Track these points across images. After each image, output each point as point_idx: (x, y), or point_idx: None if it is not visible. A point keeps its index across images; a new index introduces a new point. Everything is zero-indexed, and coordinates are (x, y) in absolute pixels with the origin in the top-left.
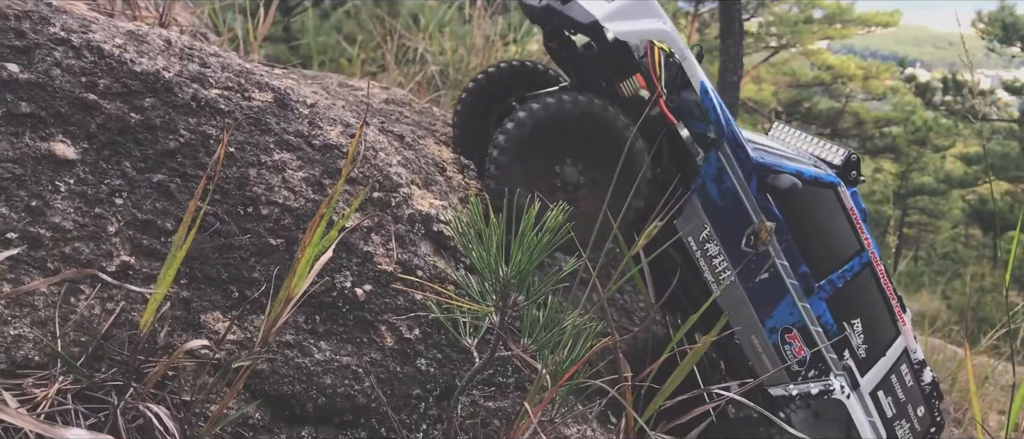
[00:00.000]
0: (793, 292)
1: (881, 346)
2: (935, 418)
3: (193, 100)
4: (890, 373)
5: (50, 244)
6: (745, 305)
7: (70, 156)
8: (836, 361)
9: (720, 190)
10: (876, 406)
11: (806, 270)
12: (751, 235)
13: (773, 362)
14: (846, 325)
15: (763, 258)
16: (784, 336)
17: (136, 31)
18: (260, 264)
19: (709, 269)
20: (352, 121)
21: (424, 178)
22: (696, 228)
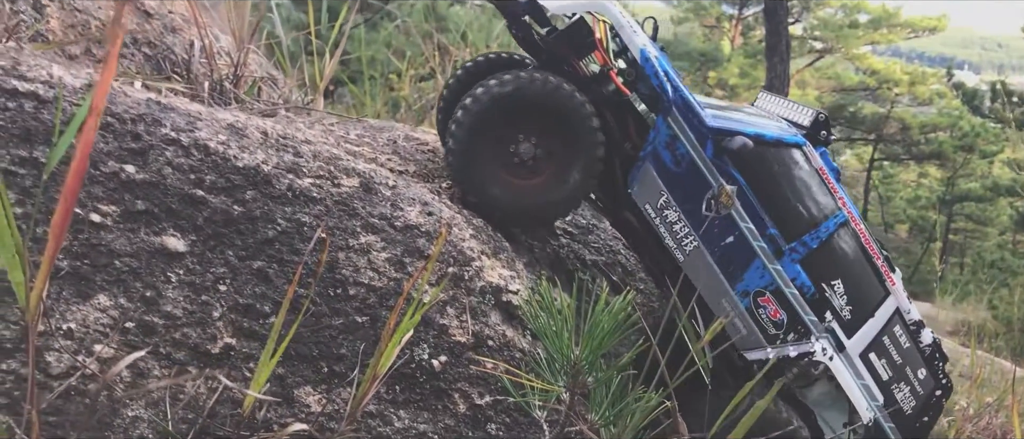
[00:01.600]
0: (762, 255)
1: (868, 307)
2: (940, 380)
3: (289, 190)
4: (882, 335)
5: (163, 331)
6: (713, 270)
7: (180, 249)
8: (816, 323)
9: (674, 156)
10: (869, 369)
11: (775, 232)
12: (712, 199)
13: (747, 326)
14: (825, 287)
15: (727, 222)
16: (757, 299)
17: (235, 124)
18: (347, 341)
19: (670, 236)
20: (429, 198)
21: (493, 247)
22: (653, 196)
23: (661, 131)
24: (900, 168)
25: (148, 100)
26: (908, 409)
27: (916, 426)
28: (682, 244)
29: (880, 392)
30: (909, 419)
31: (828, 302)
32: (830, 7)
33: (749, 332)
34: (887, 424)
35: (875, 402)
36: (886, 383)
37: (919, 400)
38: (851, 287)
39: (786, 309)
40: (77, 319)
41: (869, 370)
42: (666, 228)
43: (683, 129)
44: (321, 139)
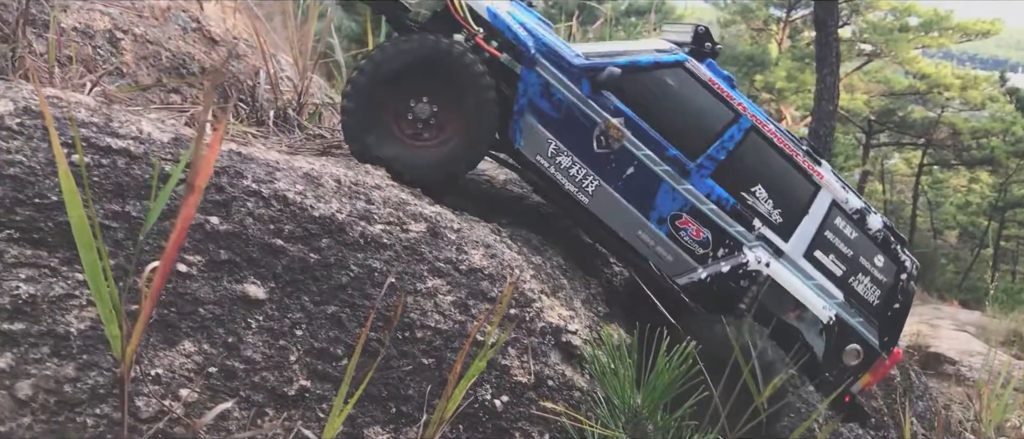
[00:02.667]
0: (668, 178)
1: (799, 206)
2: (901, 263)
3: (361, 237)
4: (823, 230)
5: (243, 375)
6: (621, 206)
7: (260, 296)
8: (744, 233)
9: (552, 103)
10: (818, 267)
11: (676, 153)
12: (601, 135)
13: (672, 252)
14: (746, 195)
15: (624, 154)
16: (675, 223)
17: (311, 173)
18: (414, 382)
19: (569, 182)
20: (491, 240)
21: (552, 286)
22: (541, 146)
23: (531, 82)
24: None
25: (230, 152)
26: (874, 299)
27: (888, 315)
28: (583, 186)
29: (838, 288)
30: (879, 309)
31: (753, 210)
32: (880, 10)
33: (676, 258)
34: (854, 319)
35: (833, 299)
36: (841, 278)
37: (884, 288)
38: (774, 190)
39: (708, 226)
40: (164, 364)
41: (818, 269)
42: (563, 175)
43: (554, 75)
44: (388, 181)
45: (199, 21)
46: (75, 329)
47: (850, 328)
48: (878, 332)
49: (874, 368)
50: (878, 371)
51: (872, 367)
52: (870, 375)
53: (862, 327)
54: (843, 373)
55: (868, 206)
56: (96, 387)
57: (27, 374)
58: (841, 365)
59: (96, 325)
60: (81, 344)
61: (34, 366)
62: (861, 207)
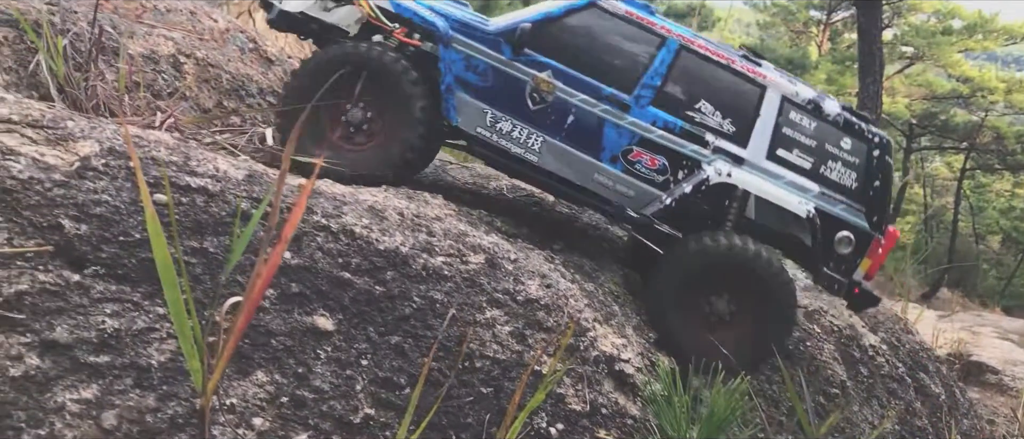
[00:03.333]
0: (609, 117)
1: (749, 110)
2: (871, 140)
3: (423, 269)
4: (779, 128)
5: (312, 404)
6: (571, 154)
7: (328, 327)
8: (699, 150)
9: (478, 74)
10: (785, 165)
11: (612, 91)
12: (533, 93)
13: (632, 186)
14: (691, 113)
15: (560, 105)
16: (627, 158)
17: (375, 206)
18: (473, 410)
19: (514, 144)
20: (546, 269)
21: (605, 314)
22: (479, 118)
23: (452, 60)
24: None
25: (298, 186)
26: (852, 183)
27: (870, 195)
28: (529, 146)
29: (811, 181)
30: (858, 191)
31: (703, 126)
32: (922, 13)
33: (637, 192)
34: (836, 207)
35: (808, 193)
36: (812, 170)
37: (858, 169)
38: (720, 101)
39: (661, 153)
40: (238, 394)
41: (785, 166)
42: (507, 140)
43: (473, 46)
44: (448, 212)
45: (255, 41)
46: (156, 361)
47: (834, 217)
48: (866, 214)
49: (871, 251)
50: (875, 252)
51: (869, 250)
52: (869, 258)
53: (847, 213)
54: (840, 263)
55: (822, 94)
56: (175, 417)
57: (111, 404)
58: (836, 256)
59: (175, 357)
60: (161, 375)
61: (118, 397)
62: (814, 96)
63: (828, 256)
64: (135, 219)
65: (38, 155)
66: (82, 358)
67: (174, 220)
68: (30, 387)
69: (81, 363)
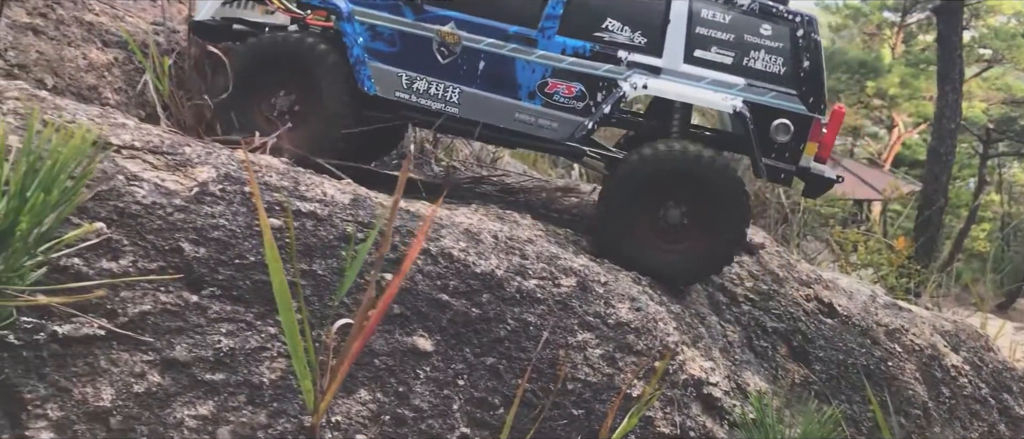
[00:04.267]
0: (518, 55)
1: (657, 19)
2: (791, 20)
3: (517, 292)
4: (692, 29)
5: (411, 422)
6: (489, 99)
7: (427, 348)
8: (614, 69)
9: (385, 40)
10: (703, 65)
11: (517, 29)
12: (440, 47)
13: (555, 118)
14: (598, 34)
15: (469, 54)
16: (544, 91)
17: (471, 228)
18: (565, 432)
19: (433, 101)
20: (635, 293)
21: (692, 336)
22: (394, 83)
23: (356, 32)
24: None
25: (399, 208)
26: (779, 68)
27: (801, 76)
28: (449, 99)
29: (735, 75)
30: (788, 76)
31: (613, 44)
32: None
33: (561, 122)
34: (764, 96)
35: (734, 88)
36: (734, 64)
37: (784, 53)
38: (626, 16)
39: (576, 79)
40: (342, 412)
41: (706, 66)
42: (425, 98)
43: (374, 16)
44: (538, 233)
45: None
46: (267, 379)
47: (766, 106)
48: (800, 97)
49: (813, 133)
50: (817, 134)
51: (810, 133)
52: (812, 141)
53: (778, 100)
54: (783, 151)
55: None
56: (285, 433)
57: (226, 421)
58: (776, 145)
59: (285, 375)
60: (272, 393)
61: (232, 413)
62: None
63: (768, 147)
64: (249, 243)
65: (159, 180)
66: (199, 376)
67: (284, 244)
68: (152, 403)
69: (198, 380)
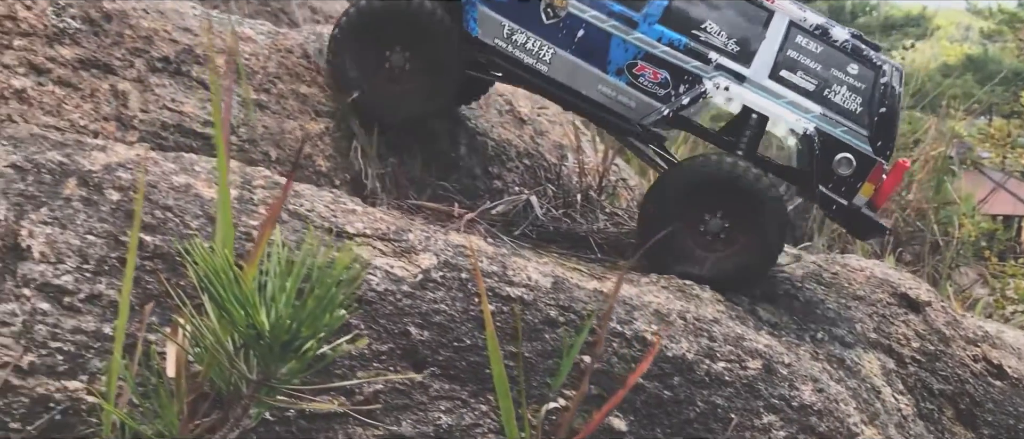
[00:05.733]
0: (617, 32)
1: (754, 32)
2: (878, 67)
3: (706, 375)
4: (784, 49)
5: None
6: (579, 67)
7: (622, 428)
8: (702, 67)
9: None
10: (786, 85)
11: (621, 8)
12: (547, 7)
13: (634, 98)
14: (696, 32)
15: (572, 20)
16: (631, 71)
17: (660, 310)
18: None
19: (528, 55)
20: (817, 374)
21: (870, 413)
22: (497, 29)
23: None
24: None
25: (594, 290)
26: (856, 107)
27: (875, 120)
28: (541, 57)
29: (814, 102)
30: (862, 116)
31: (707, 44)
32: None
33: (638, 103)
34: (837, 129)
35: (809, 113)
36: (816, 92)
37: (863, 94)
38: (726, 22)
39: (664, 67)
40: None
41: (788, 86)
42: (521, 51)
43: None
44: (722, 311)
45: (511, 103)
46: None
47: (833, 138)
48: (869, 139)
49: (872, 175)
50: (878, 177)
51: (870, 174)
52: (869, 182)
53: (848, 135)
54: (840, 184)
55: (831, 21)
56: None
57: None
58: (834, 176)
59: None
60: None
61: None
62: (822, 22)
63: (826, 176)
64: (465, 326)
65: (388, 267)
66: None
67: (496, 327)
68: None
69: None
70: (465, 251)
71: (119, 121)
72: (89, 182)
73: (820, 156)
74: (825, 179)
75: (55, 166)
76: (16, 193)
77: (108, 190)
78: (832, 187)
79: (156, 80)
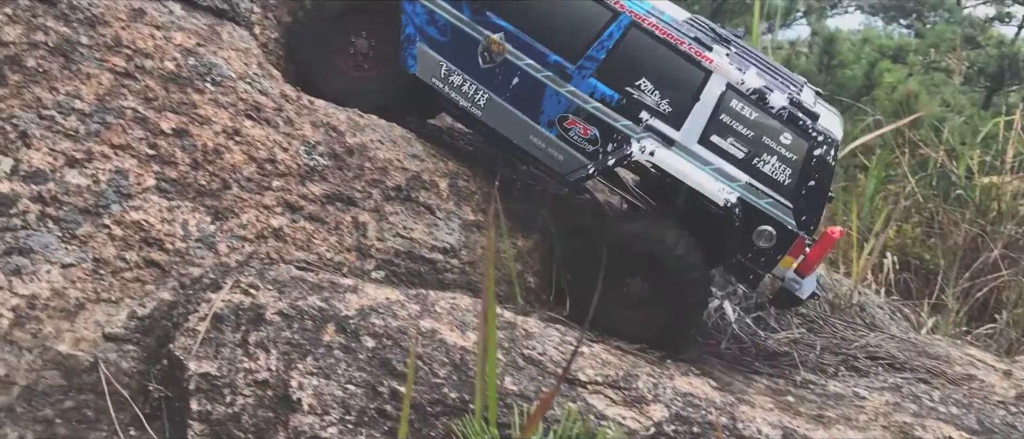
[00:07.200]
0: (550, 83)
1: (688, 94)
2: (813, 138)
3: None
4: (717, 114)
5: None
6: (511, 113)
7: None
8: (631, 126)
9: (438, 28)
10: (715, 151)
11: (557, 59)
12: (484, 52)
13: (563, 152)
14: (630, 89)
15: (508, 66)
16: (562, 124)
17: None
18: None
19: (463, 98)
20: None
21: None
22: (433, 69)
23: (416, 12)
24: None
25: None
26: (785, 178)
27: (804, 193)
28: (475, 101)
29: (740, 170)
30: (791, 188)
31: (639, 103)
32: None
33: (566, 157)
34: (762, 200)
35: (735, 182)
36: (744, 160)
37: (795, 165)
38: (660, 81)
39: (594, 123)
40: None
41: (717, 152)
42: (457, 93)
43: (436, 3)
44: None
45: None
46: None
47: (756, 210)
48: (793, 211)
49: (793, 249)
50: (799, 252)
51: (791, 248)
52: (790, 256)
53: (772, 207)
54: (758, 256)
55: (773, 84)
56: None
57: None
58: (754, 249)
59: None
60: None
61: None
62: (760, 87)
63: (745, 247)
64: None
65: (621, 418)
66: None
67: None
68: None
69: None
70: (694, 400)
71: (359, 251)
72: (346, 329)
73: (740, 227)
74: (743, 249)
75: (316, 312)
76: (284, 341)
77: (364, 337)
78: (751, 258)
79: (390, 208)
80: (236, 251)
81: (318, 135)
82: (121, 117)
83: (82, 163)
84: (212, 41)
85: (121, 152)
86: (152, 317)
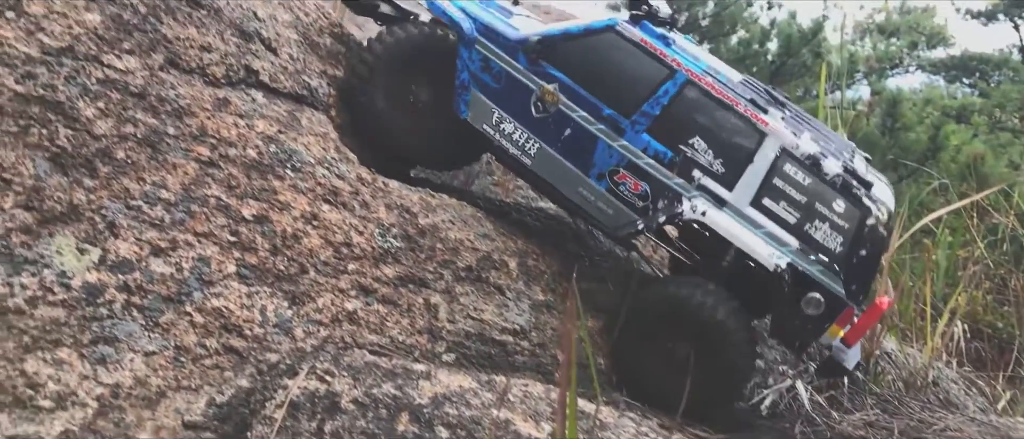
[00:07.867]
0: (603, 136)
1: (742, 155)
2: (866, 207)
3: None
4: (771, 177)
5: None
6: (561, 164)
7: None
8: (684, 184)
9: (492, 75)
10: (767, 215)
11: (611, 112)
12: (537, 101)
13: (612, 206)
14: (684, 147)
15: (561, 117)
16: (613, 178)
17: None
18: None
19: (513, 146)
20: None
21: None
22: (486, 116)
23: (471, 59)
24: None
25: None
26: (836, 247)
27: (854, 262)
28: (526, 149)
29: (791, 236)
30: (842, 256)
31: (692, 161)
32: None
33: (616, 211)
34: (811, 267)
35: (786, 247)
36: (795, 225)
37: (846, 234)
38: (714, 141)
39: (645, 179)
40: None
41: (768, 216)
42: (507, 140)
43: (492, 50)
44: None
45: None
46: None
47: (806, 276)
48: (843, 280)
49: (841, 318)
50: (847, 321)
51: (839, 317)
52: (837, 325)
53: (822, 275)
54: (805, 323)
55: (827, 150)
56: None
57: None
58: (801, 315)
59: None
60: None
61: None
62: (815, 152)
63: (793, 314)
64: None
65: None
66: None
67: None
68: None
69: None
70: None
71: (430, 333)
72: (420, 418)
73: (789, 292)
74: (791, 316)
75: (390, 400)
76: (359, 431)
77: (438, 427)
78: (798, 325)
79: (460, 289)
80: (312, 335)
81: (392, 217)
82: (205, 205)
83: (166, 252)
84: (292, 127)
85: (204, 240)
86: (230, 404)
